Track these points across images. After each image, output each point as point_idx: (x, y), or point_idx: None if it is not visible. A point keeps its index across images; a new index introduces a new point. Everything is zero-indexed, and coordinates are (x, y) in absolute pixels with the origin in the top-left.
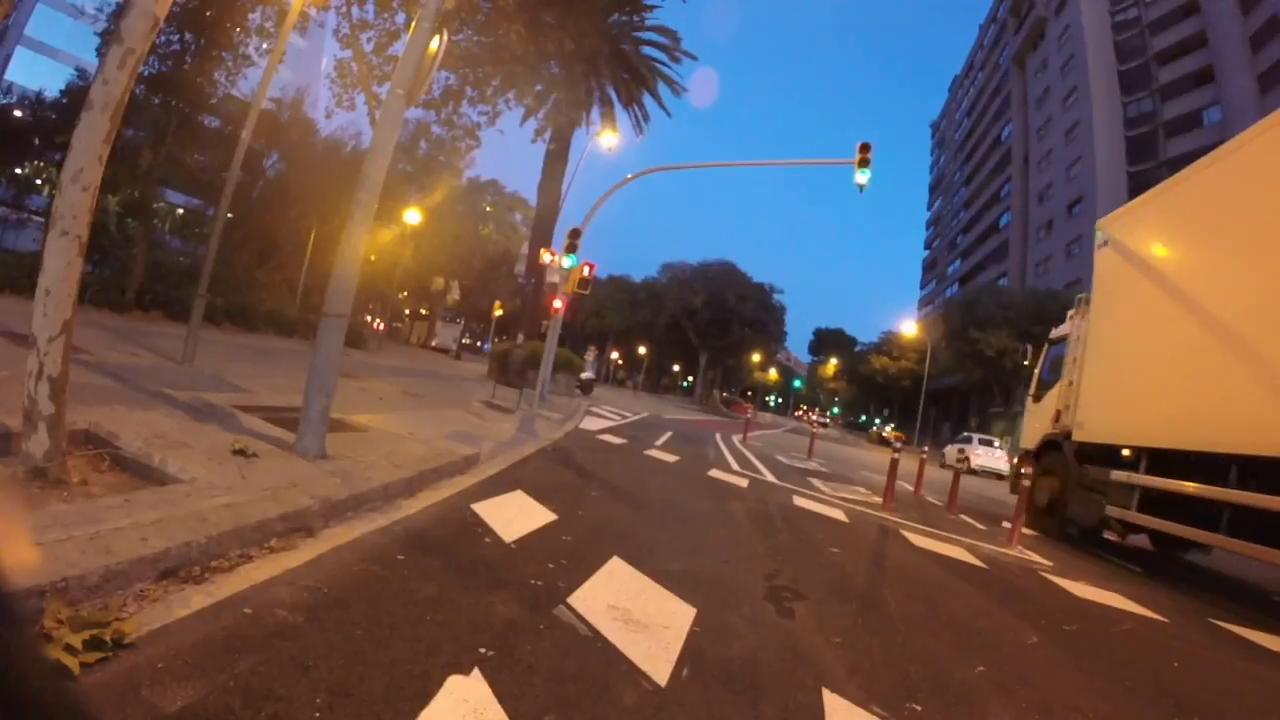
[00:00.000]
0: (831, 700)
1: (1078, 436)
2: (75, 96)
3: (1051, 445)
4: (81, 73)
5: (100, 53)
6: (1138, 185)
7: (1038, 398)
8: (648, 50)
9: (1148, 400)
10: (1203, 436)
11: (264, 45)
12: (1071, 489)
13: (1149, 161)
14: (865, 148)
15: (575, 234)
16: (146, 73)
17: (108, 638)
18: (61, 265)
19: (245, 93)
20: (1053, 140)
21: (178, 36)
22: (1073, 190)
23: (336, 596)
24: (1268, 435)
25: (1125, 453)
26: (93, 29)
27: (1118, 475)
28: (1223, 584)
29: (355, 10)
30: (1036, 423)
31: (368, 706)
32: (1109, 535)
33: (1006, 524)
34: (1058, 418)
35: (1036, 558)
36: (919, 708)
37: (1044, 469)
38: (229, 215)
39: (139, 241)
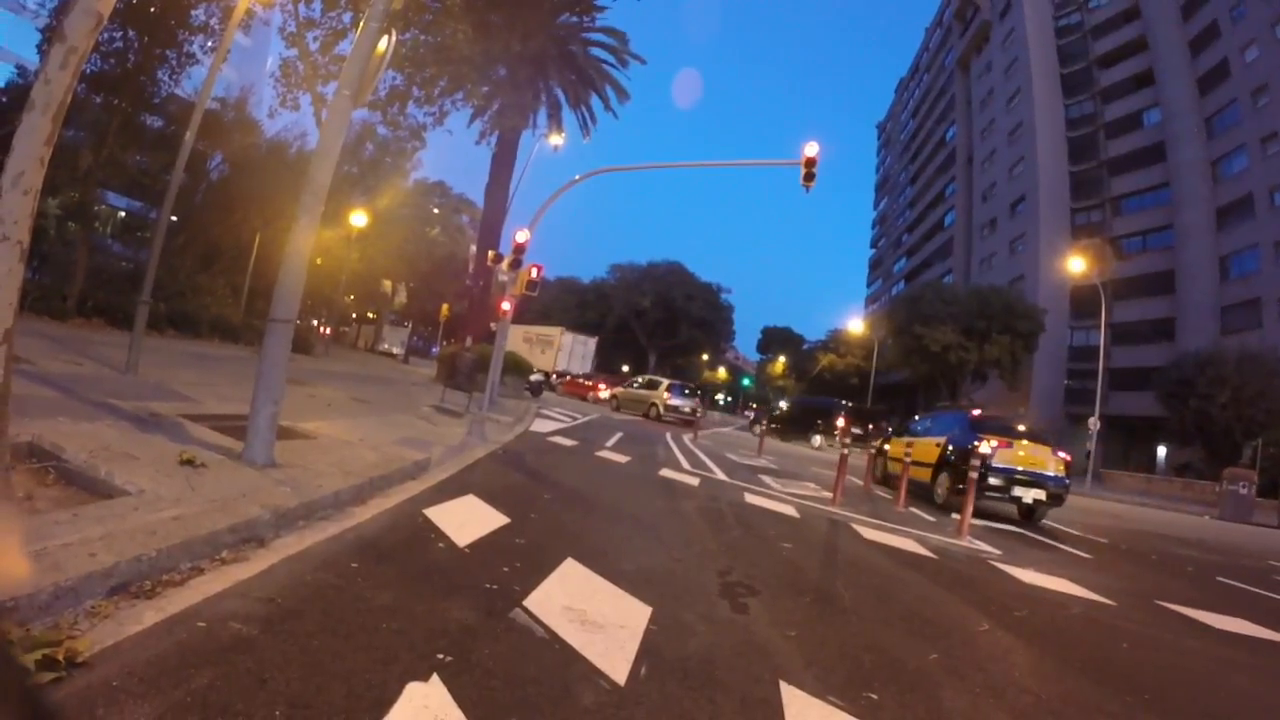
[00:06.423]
0: (789, 692)
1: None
2: (16, 95)
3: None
4: (22, 70)
5: (42, 51)
6: (1079, 184)
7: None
8: (595, 52)
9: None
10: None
11: (208, 43)
12: (554, 385)
13: (1090, 161)
14: (811, 149)
15: (522, 239)
16: (88, 71)
17: (60, 657)
18: (3, 272)
19: (189, 92)
20: (996, 141)
21: (120, 34)
22: (1015, 189)
23: (291, 607)
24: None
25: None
26: (34, 25)
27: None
28: (1166, 568)
29: (301, 8)
30: (539, 364)
31: (327, 717)
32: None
33: (955, 515)
34: (537, 365)
35: (985, 547)
36: (875, 696)
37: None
38: (172, 219)
39: (80, 246)
